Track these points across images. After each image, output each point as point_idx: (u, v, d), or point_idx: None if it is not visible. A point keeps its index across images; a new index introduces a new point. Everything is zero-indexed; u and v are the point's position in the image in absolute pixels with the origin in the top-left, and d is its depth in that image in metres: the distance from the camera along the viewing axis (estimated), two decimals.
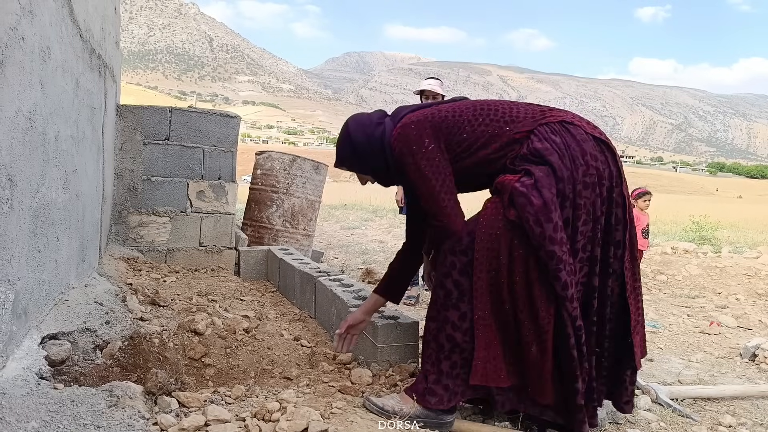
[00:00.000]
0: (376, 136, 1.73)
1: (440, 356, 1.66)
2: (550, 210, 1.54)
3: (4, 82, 1.43)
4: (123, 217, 3.69)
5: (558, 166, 1.58)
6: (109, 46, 3.27)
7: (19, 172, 1.55)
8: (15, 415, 1.23)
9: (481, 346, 1.61)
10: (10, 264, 1.49)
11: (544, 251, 1.54)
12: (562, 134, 1.64)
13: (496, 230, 1.61)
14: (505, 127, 1.68)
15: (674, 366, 2.98)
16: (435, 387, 1.66)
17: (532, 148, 1.62)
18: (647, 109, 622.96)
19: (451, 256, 1.65)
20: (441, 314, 1.66)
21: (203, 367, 2.04)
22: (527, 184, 1.58)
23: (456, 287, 1.64)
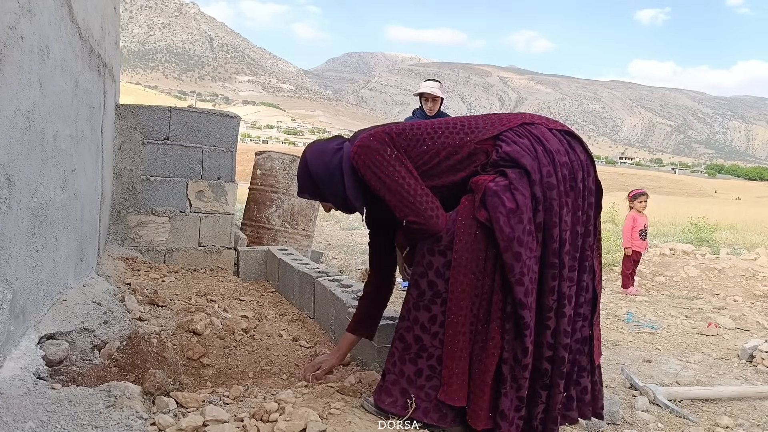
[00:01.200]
0: (334, 164, 1.71)
1: (404, 356, 1.61)
2: (522, 212, 1.51)
3: (3, 81, 1.43)
4: (122, 217, 3.69)
5: (531, 168, 1.55)
6: (108, 45, 3.26)
7: (17, 172, 1.54)
8: (12, 415, 1.22)
9: (451, 354, 1.56)
10: (8, 263, 1.49)
11: (511, 253, 1.49)
12: (528, 136, 1.62)
13: (475, 230, 1.57)
14: (466, 138, 1.66)
15: (672, 367, 2.98)
16: (392, 387, 1.62)
17: (503, 153, 1.59)
18: (646, 111, 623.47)
19: (429, 256, 1.61)
20: (411, 314, 1.62)
21: (202, 367, 2.04)
22: (501, 185, 1.55)
23: (430, 288, 1.60)
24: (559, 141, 1.63)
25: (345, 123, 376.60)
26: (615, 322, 4.07)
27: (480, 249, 1.55)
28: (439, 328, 1.58)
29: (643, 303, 4.90)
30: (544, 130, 1.65)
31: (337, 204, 1.77)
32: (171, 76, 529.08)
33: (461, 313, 1.55)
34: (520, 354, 1.52)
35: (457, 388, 1.54)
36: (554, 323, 1.56)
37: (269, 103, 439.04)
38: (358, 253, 7.15)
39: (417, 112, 4.48)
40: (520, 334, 1.52)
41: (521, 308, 1.50)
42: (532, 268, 1.52)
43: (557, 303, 1.56)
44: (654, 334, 3.77)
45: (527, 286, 1.50)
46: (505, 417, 1.53)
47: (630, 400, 2.42)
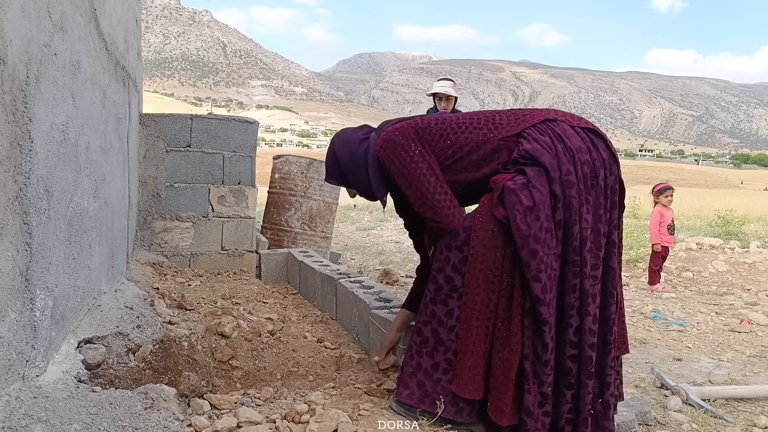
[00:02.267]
0: (360, 153, 1.76)
1: (422, 349, 1.65)
2: (539, 210, 1.53)
3: (40, 96, 1.49)
4: (148, 223, 3.78)
5: (551, 165, 1.56)
6: (131, 57, 3.35)
7: (54, 183, 1.61)
8: (58, 417, 1.28)
9: (465, 347, 1.59)
10: (49, 272, 1.55)
11: (527, 250, 1.51)
12: (549, 134, 1.64)
13: (492, 227, 1.59)
14: (489, 134, 1.68)
15: (704, 366, 2.93)
16: (409, 380, 1.65)
17: (523, 150, 1.61)
18: (666, 101, 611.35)
19: (446, 252, 1.65)
20: (428, 308, 1.66)
21: (231, 369, 2.08)
22: (519, 183, 1.57)
23: (447, 282, 1.63)
24: (581, 139, 1.64)
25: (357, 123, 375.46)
26: (642, 319, 4.02)
27: (497, 246, 1.58)
28: (456, 322, 1.61)
29: (670, 300, 4.83)
30: (567, 127, 1.66)
31: (361, 191, 1.83)
32: (187, 83, 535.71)
33: (476, 307, 1.58)
34: (541, 350, 1.54)
35: (468, 381, 1.57)
36: (577, 321, 1.57)
37: (282, 107, 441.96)
38: (376, 254, 7.19)
39: (432, 111, 4.50)
40: (539, 330, 1.54)
41: (539, 304, 1.51)
42: (551, 265, 1.54)
43: (580, 301, 1.56)
44: (683, 331, 3.72)
45: (545, 282, 1.52)
46: (530, 413, 1.55)
47: (662, 400, 2.38)
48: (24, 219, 1.36)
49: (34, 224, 1.42)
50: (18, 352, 1.32)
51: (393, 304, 2.50)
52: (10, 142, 1.28)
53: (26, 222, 1.38)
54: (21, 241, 1.34)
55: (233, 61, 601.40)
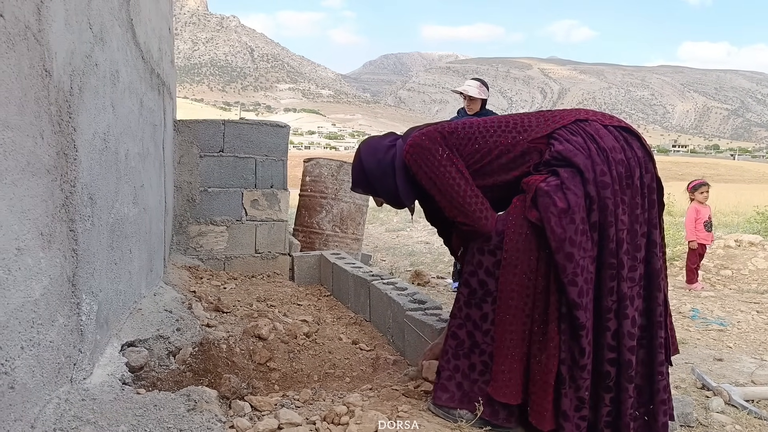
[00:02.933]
0: (387, 161, 1.74)
1: (458, 352, 1.63)
2: (574, 212, 1.49)
3: (83, 107, 1.53)
4: (183, 228, 3.86)
5: (584, 166, 1.52)
6: (165, 64, 3.42)
7: (97, 191, 1.65)
8: (106, 419, 1.31)
9: (500, 352, 1.56)
10: (93, 277, 1.60)
11: (563, 253, 1.48)
12: (581, 134, 1.59)
13: (525, 230, 1.56)
14: (518, 137, 1.65)
15: (746, 366, 2.84)
16: (447, 383, 1.63)
17: (555, 152, 1.58)
18: (700, 95, 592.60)
19: (479, 255, 1.62)
20: (463, 311, 1.64)
21: (268, 371, 2.10)
22: (552, 184, 1.53)
23: (481, 286, 1.61)
24: (615, 138, 1.59)
25: (384, 125, 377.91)
26: (680, 319, 3.91)
27: (531, 249, 1.55)
28: (491, 325, 1.59)
29: (708, 298, 4.68)
30: (599, 126, 1.61)
31: (389, 199, 1.81)
32: (216, 88, 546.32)
33: (510, 312, 1.55)
34: (578, 355, 1.51)
35: (503, 385, 1.55)
36: (615, 324, 1.53)
37: (310, 110, 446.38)
38: (406, 255, 7.17)
39: (461, 111, 4.46)
40: (575, 334, 1.50)
41: (575, 309, 1.48)
42: (587, 269, 1.50)
43: (617, 304, 1.53)
44: (723, 330, 3.60)
45: (581, 286, 1.48)
46: (567, 417, 1.52)
47: (703, 401, 2.32)
48: (70, 226, 1.40)
49: (79, 231, 1.46)
50: (66, 355, 1.36)
51: (428, 305, 2.49)
52: (57, 152, 1.32)
53: (72, 229, 1.42)
54: (68, 248, 1.38)
55: (261, 65, 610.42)
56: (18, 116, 1.09)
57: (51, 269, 1.25)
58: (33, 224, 1.15)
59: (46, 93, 1.24)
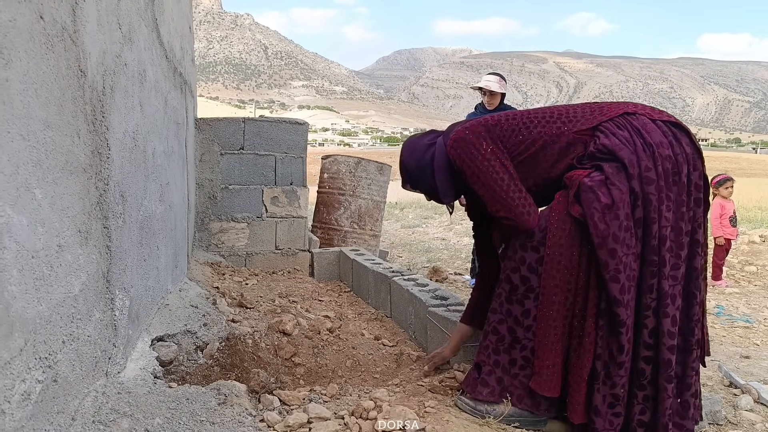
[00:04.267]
0: (426, 159, 1.77)
1: (499, 347, 1.64)
2: (618, 208, 1.48)
3: (114, 106, 1.56)
4: (205, 225, 3.90)
5: (630, 161, 1.51)
6: (186, 63, 3.46)
7: (128, 188, 1.68)
8: (142, 412, 1.34)
9: (543, 346, 1.57)
10: (125, 273, 1.63)
11: (606, 249, 1.46)
12: (628, 128, 1.57)
13: (568, 226, 1.55)
14: (563, 128, 1.63)
15: None
16: (488, 378, 1.64)
17: (600, 145, 1.56)
18: (720, 88, 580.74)
19: (521, 252, 1.62)
20: (504, 307, 1.64)
21: (293, 366, 2.12)
22: (596, 180, 1.52)
23: (523, 283, 1.60)
24: (663, 133, 1.57)
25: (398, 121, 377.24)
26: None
27: (573, 245, 1.54)
28: (533, 321, 1.59)
29: (733, 295, 4.61)
30: (647, 121, 1.59)
31: (431, 196, 1.84)
32: (230, 86, 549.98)
33: (553, 307, 1.55)
34: (616, 351, 1.50)
35: (547, 379, 1.55)
36: (653, 323, 1.52)
37: (323, 106, 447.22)
38: (423, 251, 7.17)
39: (479, 107, 4.43)
40: (615, 331, 1.49)
41: (616, 305, 1.47)
42: (630, 265, 1.49)
43: (657, 302, 1.51)
44: (750, 328, 3.54)
45: (623, 283, 1.47)
46: (598, 412, 1.52)
47: (731, 399, 2.28)
48: (104, 223, 1.43)
49: (112, 228, 1.49)
50: (102, 350, 1.39)
51: (450, 302, 2.49)
52: (92, 151, 1.34)
53: (106, 226, 1.44)
54: (102, 245, 1.41)
55: (274, 62, 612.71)
56: (57, 116, 1.11)
57: (88, 266, 1.28)
58: (72, 222, 1.18)
59: (81, 93, 1.27)
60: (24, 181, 0.95)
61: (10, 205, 0.89)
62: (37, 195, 1.01)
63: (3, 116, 0.88)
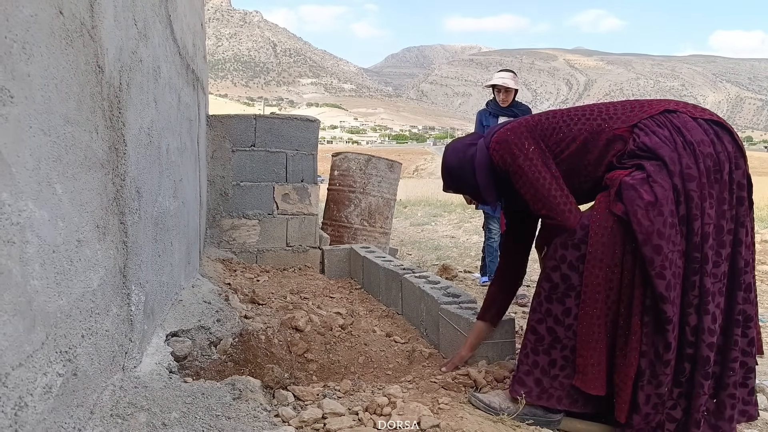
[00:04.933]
0: (467, 158, 1.80)
1: (538, 347, 1.63)
2: (662, 205, 1.47)
3: (130, 102, 1.57)
4: (217, 221, 3.92)
5: (671, 159, 1.50)
6: (199, 60, 3.47)
7: (143, 184, 1.69)
8: (158, 406, 1.35)
9: (586, 345, 1.56)
10: (141, 268, 1.64)
11: (651, 246, 1.46)
12: (668, 126, 1.57)
13: (611, 223, 1.55)
14: (603, 125, 1.64)
15: None
16: (525, 378, 1.64)
17: (640, 143, 1.56)
18: (732, 86, 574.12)
19: (562, 250, 1.62)
20: (543, 306, 1.64)
21: (306, 362, 2.13)
22: (638, 178, 1.52)
23: (563, 281, 1.60)
24: (704, 131, 1.56)
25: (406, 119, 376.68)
26: None
27: (616, 243, 1.54)
28: (574, 320, 1.59)
29: None
30: (687, 119, 1.58)
31: (473, 196, 1.87)
32: (239, 83, 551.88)
33: (596, 306, 1.55)
34: (662, 349, 1.49)
35: (592, 378, 1.56)
36: (695, 320, 1.51)
37: (332, 104, 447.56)
38: (432, 249, 7.16)
39: (491, 104, 4.41)
40: (661, 329, 1.49)
41: (663, 302, 1.47)
42: (676, 262, 1.48)
43: (699, 299, 1.51)
44: (763, 327, 3.50)
45: (669, 280, 1.46)
46: (638, 410, 1.53)
47: None
48: (121, 219, 1.44)
49: (128, 224, 1.50)
50: (119, 344, 1.40)
51: (462, 299, 2.48)
52: (109, 146, 1.35)
53: (123, 222, 1.45)
54: (119, 240, 1.42)
55: (283, 60, 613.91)
56: (77, 111, 1.12)
57: (106, 261, 1.29)
58: (90, 217, 1.19)
59: (99, 89, 1.28)
60: (45, 176, 0.96)
61: (32, 200, 0.90)
62: (58, 190, 1.01)
63: (25, 111, 0.88)
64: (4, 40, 0.82)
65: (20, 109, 0.86)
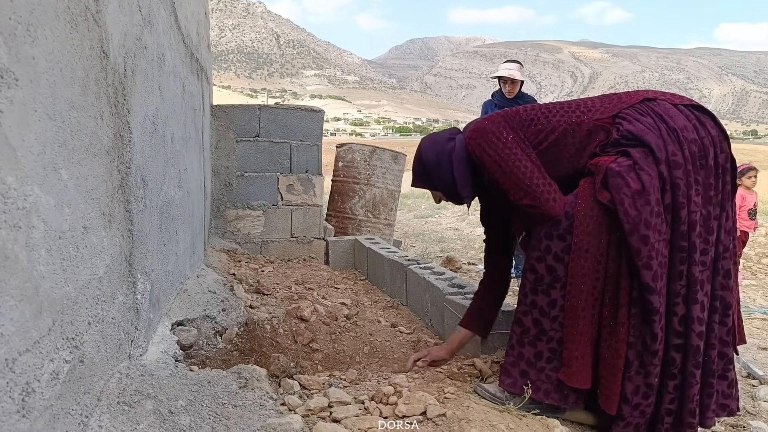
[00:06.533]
0: (445, 152, 1.73)
1: (523, 339, 1.61)
2: (649, 193, 1.45)
3: (134, 89, 1.55)
4: (221, 212, 3.91)
5: (657, 145, 1.48)
6: (203, 49, 3.45)
7: (148, 173, 1.68)
8: (165, 394, 1.34)
9: (572, 338, 1.54)
10: (146, 257, 1.63)
11: (638, 236, 1.43)
12: (650, 114, 1.55)
13: (596, 212, 1.52)
14: (583, 116, 1.61)
15: None
16: (511, 369, 1.62)
17: (624, 131, 1.53)
18: (738, 79, 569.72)
19: (546, 241, 1.58)
20: (528, 298, 1.61)
21: (311, 351, 2.13)
22: (624, 165, 1.49)
23: (549, 272, 1.57)
24: (686, 117, 1.54)
25: (410, 111, 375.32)
26: None
27: (602, 232, 1.51)
28: (559, 312, 1.56)
29: (750, 287, 4.55)
30: (668, 106, 1.56)
31: (447, 193, 1.78)
32: (242, 75, 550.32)
33: (582, 297, 1.52)
34: (649, 340, 1.47)
35: (577, 371, 1.53)
36: (683, 310, 1.49)
37: (335, 96, 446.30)
38: (436, 241, 7.15)
39: (496, 95, 4.39)
40: (648, 319, 1.47)
41: (649, 293, 1.45)
42: (661, 252, 1.46)
43: (686, 288, 1.49)
44: (767, 319, 3.49)
45: (656, 270, 1.44)
46: (628, 401, 1.51)
47: (749, 390, 2.27)
48: (126, 207, 1.43)
49: (134, 212, 1.49)
50: (125, 332, 1.40)
51: (467, 290, 2.48)
52: (114, 134, 1.34)
53: (128, 210, 1.45)
54: (125, 228, 1.41)
55: (287, 51, 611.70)
56: (82, 97, 1.11)
57: (111, 248, 1.28)
58: (96, 204, 1.18)
59: (104, 74, 1.26)
60: (51, 161, 0.95)
61: (38, 185, 0.89)
62: (63, 176, 1.00)
63: (30, 94, 0.87)
64: (8, 21, 0.80)
65: (25, 92, 0.85)
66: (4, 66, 0.79)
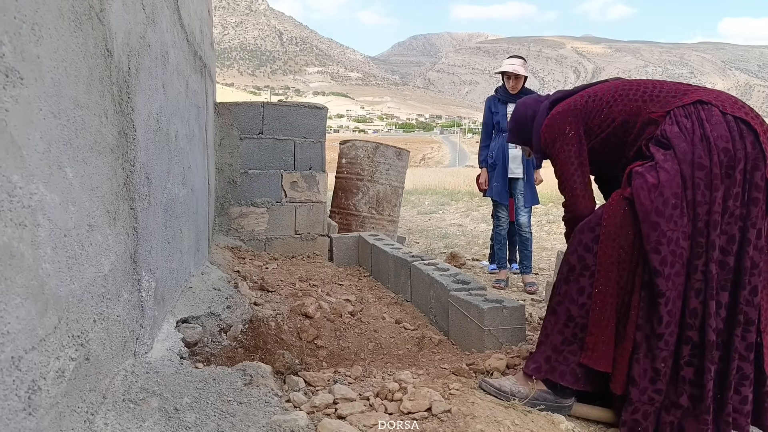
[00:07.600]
0: (530, 113, 1.99)
1: (554, 328, 1.69)
2: (663, 187, 1.53)
3: (138, 87, 1.56)
4: (225, 209, 3.92)
5: (682, 150, 1.56)
6: (206, 47, 3.45)
7: (152, 171, 1.68)
8: (170, 391, 1.35)
9: (598, 323, 1.60)
10: (150, 255, 1.64)
11: (648, 222, 1.53)
12: (693, 117, 1.61)
13: (623, 206, 1.62)
14: (642, 106, 1.71)
15: None
16: (538, 355, 1.71)
17: (662, 131, 1.63)
18: (742, 73, 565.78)
19: (578, 234, 1.70)
20: (562, 288, 1.70)
21: (316, 348, 2.13)
22: (647, 165, 1.61)
23: (579, 261, 1.67)
24: (728, 128, 1.57)
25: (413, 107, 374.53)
26: None
27: (628, 224, 1.60)
28: (587, 299, 1.64)
29: None
30: (716, 113, 1.60)
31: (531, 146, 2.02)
32: (245, 72, 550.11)
33: (609, 284, 1.60)
34: (656, 323, 1.52)
35: (601, 355, 1.59)
36: (696, 303, 1.53)
37: (338, 93, 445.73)
38: (439, 237, 7.14)
39: (500, 90, 4.37)
40: (654, 302, 1.53)
41: (656, 276, 1.51)
42: (677, 242, 1.52)
43: (704, 284, 1.53)
44: None
45: (664, 255, 1.51)
46: (635, 384, 1.54)
47: None
48: (131, 204, 1.43)
49: (138, 209, 1.49)
50: (130, 330, 1.40)
51: (471, 286, 2.47)
52: (119, 131, 1.34)
53: (133, 207, 1.45)
54: (129, 226, 1.41)
55: (289, 48, 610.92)
56: (86, 95, 1.11)
57: (116, 246, 1.29)
58: (101, 202, 1.18)
59: (108, 73, 1.26)
60: (56, 159, 0.95)
61: (43, 183, 0.89)
62: (68, 174, 1.01)
63: (35, 93, 0.87)
64: (13, 20, 0.81)
65: (30, 91, 0.85)
66: (9, 65, 0.79)
